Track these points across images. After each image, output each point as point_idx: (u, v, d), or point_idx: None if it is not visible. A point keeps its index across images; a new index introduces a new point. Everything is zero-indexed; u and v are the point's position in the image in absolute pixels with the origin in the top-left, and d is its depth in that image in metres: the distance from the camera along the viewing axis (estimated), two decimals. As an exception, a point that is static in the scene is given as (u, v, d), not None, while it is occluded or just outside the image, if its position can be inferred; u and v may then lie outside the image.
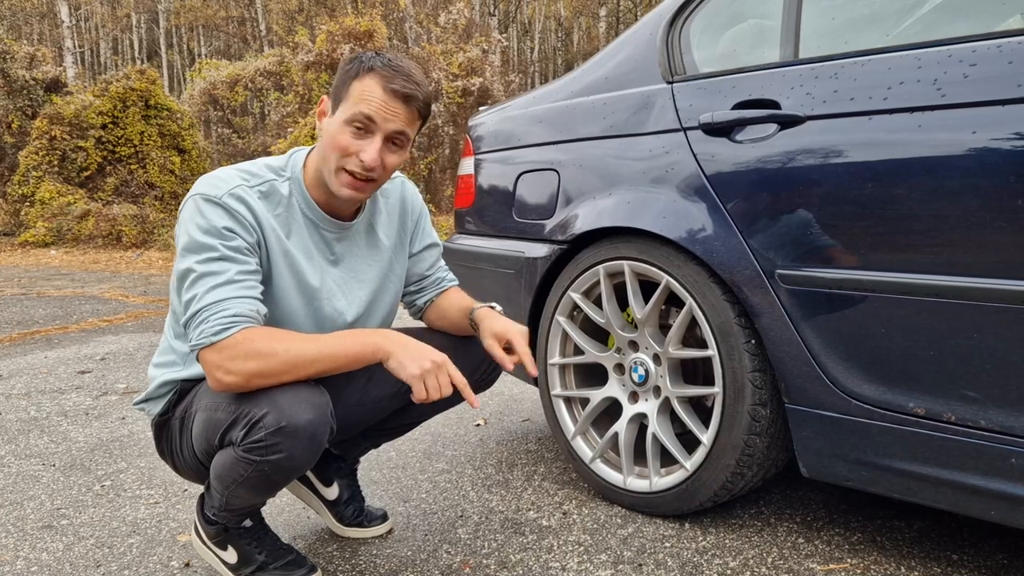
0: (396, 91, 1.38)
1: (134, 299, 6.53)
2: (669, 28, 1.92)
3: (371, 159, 1.39)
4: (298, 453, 1.31)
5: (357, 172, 1.40)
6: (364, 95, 1.37)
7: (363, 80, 1.38)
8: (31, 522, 1.94)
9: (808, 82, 1.56)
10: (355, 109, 1.37)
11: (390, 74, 1.38)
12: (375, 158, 1.39)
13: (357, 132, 1.39)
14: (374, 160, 1.39)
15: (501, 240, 2.29)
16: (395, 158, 1.44)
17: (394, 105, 1.38)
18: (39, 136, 12.51)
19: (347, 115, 1.38)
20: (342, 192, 1.43)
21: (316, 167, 1.47)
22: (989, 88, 1.30)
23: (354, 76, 1.39)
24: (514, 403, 3.04)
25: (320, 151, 1.44)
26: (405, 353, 1.36)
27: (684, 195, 1.74)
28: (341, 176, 1.41)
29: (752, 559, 1.66)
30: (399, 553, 1.74)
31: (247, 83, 15.90)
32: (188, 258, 1.35)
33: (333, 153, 1.40)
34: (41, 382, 3.53)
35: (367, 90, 1.37)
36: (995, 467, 1.33)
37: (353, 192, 1.43)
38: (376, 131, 1.39)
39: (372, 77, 1.38)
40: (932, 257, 1.36)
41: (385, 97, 1.37)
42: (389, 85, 1.37)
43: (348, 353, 1.35)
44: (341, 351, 1.35)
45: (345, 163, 1.40)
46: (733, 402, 1.67)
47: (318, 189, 1.49)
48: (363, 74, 1.38)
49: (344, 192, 1.42)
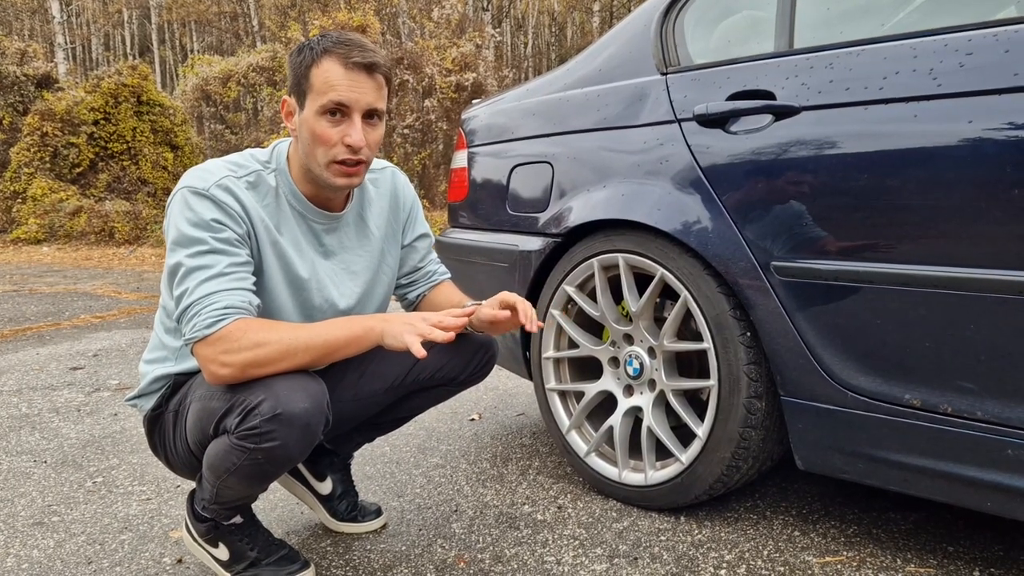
0: (358, 63, 1.36)
1: (127, 295, 6.50)
2: (663, 19, 1.90)
3: (357, 140, 1.37)
4: (292, 442, 1.30)
5: (348, 159, 1.39)
6: (328, 80, 1.35)
7: (320, 65, 1.36)
8: (22, 519, 1.93)
9: (803, 72, 1.55)
10: (324, 98, 1.35)
11: (345, 50, 1.36)
12: (360, 138, 1.38)
13: (333, 119, 1.37)
14: (360, 140, 1.38)
15: (495, 234, 2.28)
16: (375, 133, 1.43)
17: (360, 80, 1.37)
18: (30, 132, 12.44)
19: (318, 105, 1.36)
20: (337, 182, 1.41)
21: (301, 164, 1.45)
22: (985, 77, 1.29)
23: (310, 64, 1.37)
24: (509, 397, 3.04)
25: (302, 148, 1.42)
26: (392, 325, 1.35)
27: (679, 187, 1.73)
28: (332, 168, 1.40)
29: (748, 552, 1.66)
30: (393, 548, 1.73)
31: (240, 79, 15.83)
32: (178, 252, 1.33)
33: (318, 148, 1.39)
34: (33, 379, 3.51)
35: (328, 74, 1.35)
36: (991, 459, 1.32)
37: (348, 179, 1.42)
38: (352, 112, 1.38)
39: (328, 60, 1.36)
40: (928, 248, 1.35)
41: (349, 75, 1.35)
42: (348, 61, 1.35)
43: (340, 338, 1.35)
44: (333, 336, 1.34)
45: (334, 154, 1.39)
46: (728, 395, 1.66)
47: (305, 183, 1.47)
48: (318, 59, 1.36)
49: (340, 182, 1.41)
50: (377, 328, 1.36)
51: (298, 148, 1.44)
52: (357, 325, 1.37)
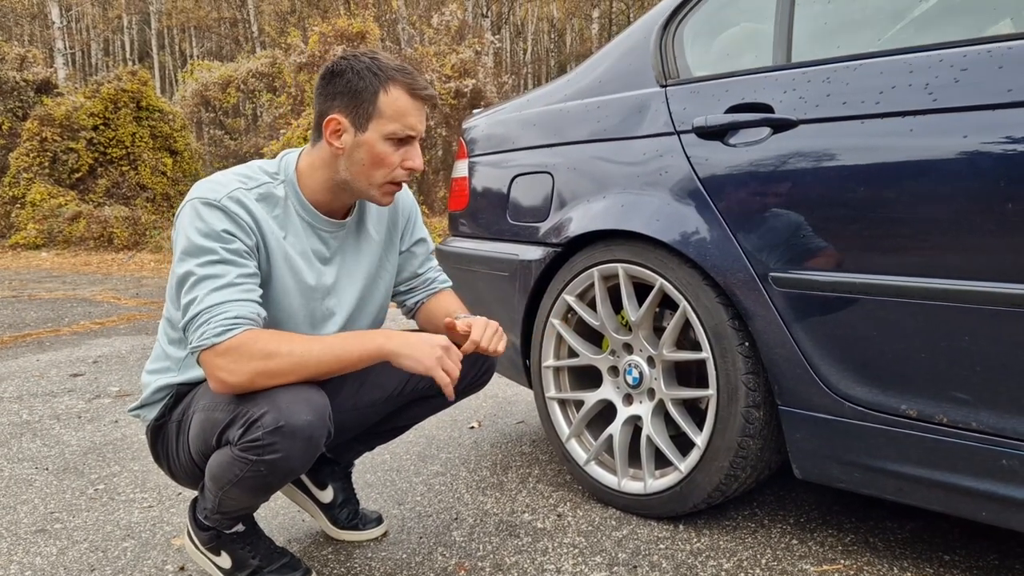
0: (425, 97, 1.46)
1: (126, 301, 6.50)
2: (663, 32, 1.92)
3: (420, 164, 1.48)
4: (295, 454, 1.31)
5: (404, 180, 1.49)
6: (400, 109, 1.43)
7: (389, 92, 1.42)
8: (24, 526, 1.94)
9: (801, 86, 1.57)
10: (394, 126, 1.43)
11: (411, 80, 1.44)
12: (421, 162, 1.48)
13: (398, 144, 1.44)
14: (421, 164, 1.48)
15: (495, 243, 2.29)
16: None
17: (422, 110, 1.47)
18: (30, 138, 12.44)
19: (386, 131, 1.43)
20: (384, 200, 1.51)
21: (332, 179, 1.48)
22: (980, 92, 1.31)
23: (376, 90, 1.42)
24: (508, 405, 3.05)
25: (351, 167, 1.46)
26: (413, 349, 1.40)
27: (678, 198, 1.75)
28: (385, 187, 1.48)
29: (746, 560, 1.67)
30: (394, 556, 1.74)
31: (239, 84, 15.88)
32: (188, 262, 1.35)
33: (379, 170, 1.45)
34: (33, 385, 3.52)
35: (399, 103, 1.43)
36: (987, 468, 1.34)
37: (393, 196, 1.52)
38: (415, 139, 1.47)
39: (396, 88, 1.43)
40: (924, 260, 1.37)
41: (416, 105, 1.45)
42: (416, 92, 1.44)
43: (352, 355, 1.37)
44: (345, 353, 1.37)
45: (394, 176, 1.47)
46: (727, 404, 1.68)
47: (324, 193, 1.50)
48: (386, 86, 1.42)
49: (387, 200, 1.51)
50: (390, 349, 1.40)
51: (335, 163, 1.47)
52: (370, 344, 1.39)
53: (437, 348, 1.40)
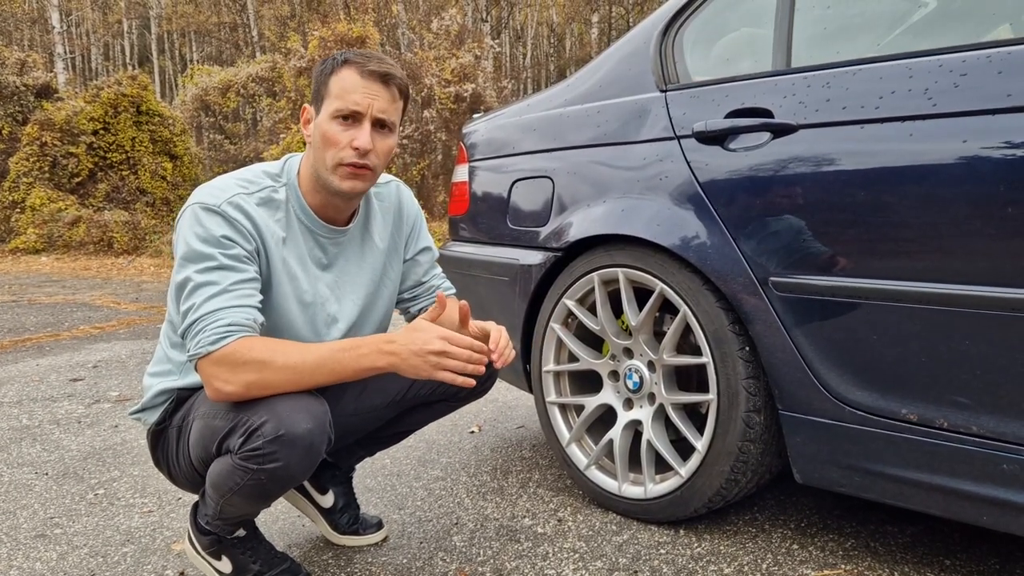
0: (373, 72, 1.42)
1: (126, 306, 6.50)
2: (663, 37, 1.93)
3: (364, 142, 1.41)
4: (295, 463, 1.31)
5: (355, 162, 1.42)
6: (344, 86, 1.41)
7: (339, 73, 1.42)
8: (24, 531, 1.93)
9: (800, 91, 1.58)
10: (338, 103, 1.41)
11: (363, 60, 1.42)
12: (367, 140, 1.41)
13: (345, 123, 1.42)
14: (367, 143, 1.41)
15: (496, 247, 2.30)
16: (385, 143, 1.46)
17: (374, 87, 1.42)
18: (30, 142, 12.45)
19: (331, 109, 1.41)
20: (343, 185, 1.44)
21: (311, 171, 1.48)
22: (979, 97, 1.31)
23: (330, 73, 1.43)
24: (509, 410, 3.05)
25: (314, 153, 1.46)
26: (410, 359, 1.34)
27: (678, 203, 1.75)
28: (339, 170, 1.43)
29: (747, 565, 1.67)
30: (394, 561, 1.74)
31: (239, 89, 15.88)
32: (187, 268, 1.35)
33: (328, 150, 1.42)
34: (33, 390, 3.51)
35: (345, 81, 1.41)
36: (987, 472, 1.34)
37: (354, 182, 1.44)
38: (363, 118, 1.42)
39: (347, 68, 1.42)
40: (924, 264, 1.37)
41: (364, 82, 1.41)
42: (365, 69, 1.41)
43: (347, 370, 1.34)
44: (340, 367, 1.34)
45: (342, 157, 1.42)
46: (727, 408, 1.68)
47: (314, 194, 1.49)
48: (338, 68, 1.43)
49: (345, 185, 1.44)
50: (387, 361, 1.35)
51: (311, 155, 1.47)
52: (366, 354, 1.34)
53: (429, 356, 1.33)
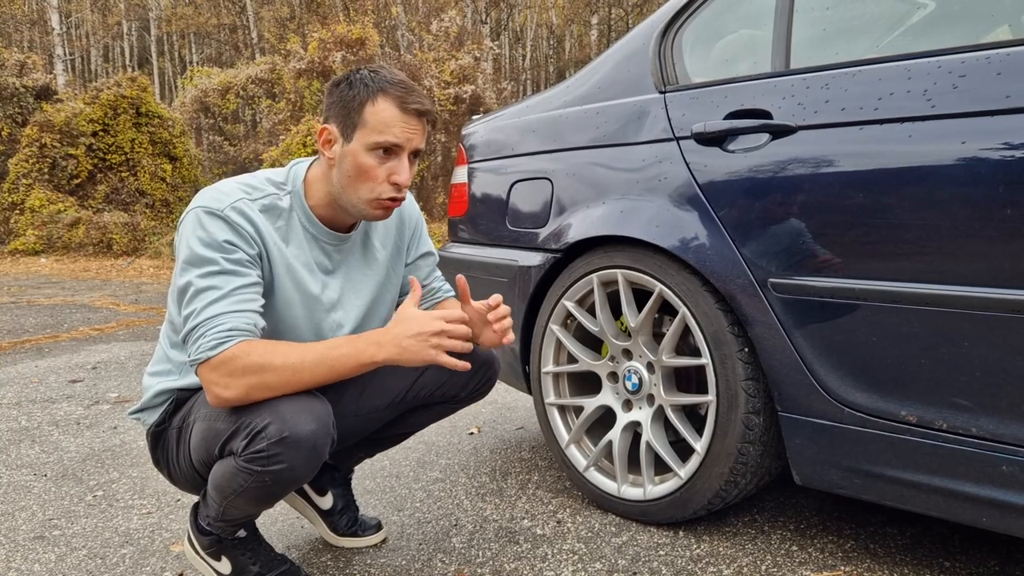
0: (415, 110, 1.40)
1: (125, 307, 6.50)
2: (662, 38, 1.93)
3: (406, 179, 1.42)
4: (299, 464, 1.31)
5: (394, 195, 1.43)
6: (383, 119, 1.39)
7: (376, 104, 1.39)
8: (23, 533, 1.93)
9: (799, 92, 1.58)
10: (380, 137, 1.39)
11: (403, 93, 1.40)
12: (408, 177, 1.42)
13: (383, 157, 1.41)
14: (408, 179, 1.42)
15: (495, 248, 2.30)
16: (413, 170, 1.48)
17: (413, 124, 1.41)
18: (29, 143, 12.44)
19: (369, 142, 1.39)
20: (374, 214, 1.46)
21: (328, 190, 1.47)
22: (978, 99, 1.31)
23: (365, 100, 1.39)
24: (508, 411, 3.05)
25: (340, 178, 1.44)
26: (406, 349, 1.34)
27: (677, 204, 1.75)
28: (374, 203, 1.43)
29: (746, 567, 1.67)
30: (393, 562, 1.74)
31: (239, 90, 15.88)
32: (189, 272, 1.35)
33: (364, 184, 1.41)
34: (32, 391, 3.51)
35: (384, 114, 1.39)
36: (986, 474, 1.34)
37: (385, 214, 1.47)
38: (402, 153, 1.42)
39: (384, 99, 1.39)
40: (923, 266, 1.37)
41: (405, 118, 1.40)
42: (406, 106, 1.39)
43: (347, 367, 1.35)
44: (339, 365, 1.34)
45: (380, 192, 1.42)
46: (727, 410, 1.68)
47: (325, 206, 1.49)
48: (374, 98, 1.39)
49: (377, 214, 1.46)
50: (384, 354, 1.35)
51: (330, 174, 1.46)
52: (362, 349, 1.35)
53: (429, 338, 1.34)
